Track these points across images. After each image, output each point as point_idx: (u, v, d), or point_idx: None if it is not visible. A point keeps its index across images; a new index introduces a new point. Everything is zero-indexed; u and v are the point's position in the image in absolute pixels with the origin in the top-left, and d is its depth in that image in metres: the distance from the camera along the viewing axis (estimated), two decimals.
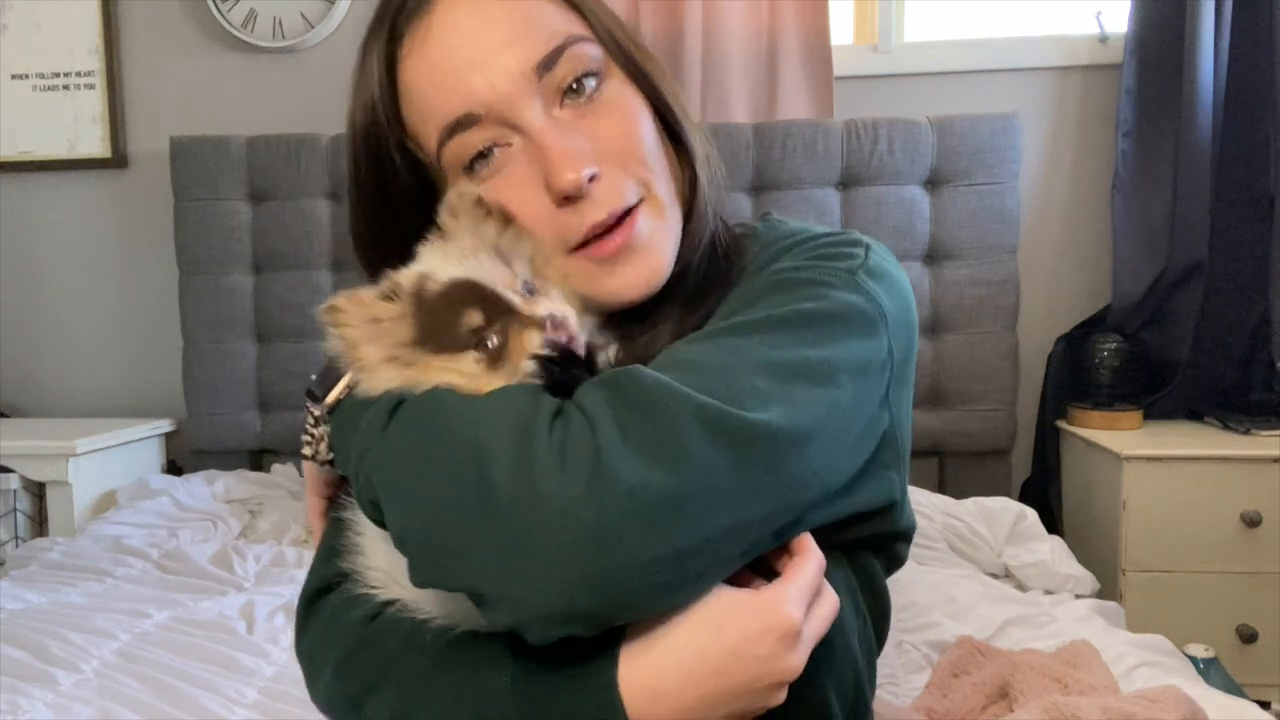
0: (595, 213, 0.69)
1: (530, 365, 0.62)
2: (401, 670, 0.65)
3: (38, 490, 2.48)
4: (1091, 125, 2.58)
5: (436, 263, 0.65)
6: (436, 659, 0.63)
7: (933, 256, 2.52)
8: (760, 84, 2.57)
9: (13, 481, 2.45)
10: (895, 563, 0.79)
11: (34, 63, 2.78)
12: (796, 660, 0.59)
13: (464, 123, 0.69)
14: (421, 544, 0.59)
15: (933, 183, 2.51)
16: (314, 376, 0.71)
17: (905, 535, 0.77)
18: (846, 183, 2.51)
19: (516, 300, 0.64)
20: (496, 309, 0.63)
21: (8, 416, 2.82)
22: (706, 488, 0.55)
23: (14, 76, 2.79)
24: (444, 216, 0.68)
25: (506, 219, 0.69)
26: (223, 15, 2.70)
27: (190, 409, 2.65)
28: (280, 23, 2.71)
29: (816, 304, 0.66)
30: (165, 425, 2.73)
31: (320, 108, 2.73)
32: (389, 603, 0.68)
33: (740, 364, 0.61)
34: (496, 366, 0.63)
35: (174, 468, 2.75)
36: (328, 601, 0.72)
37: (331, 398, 0.68)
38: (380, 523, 0.64)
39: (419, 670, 0.64)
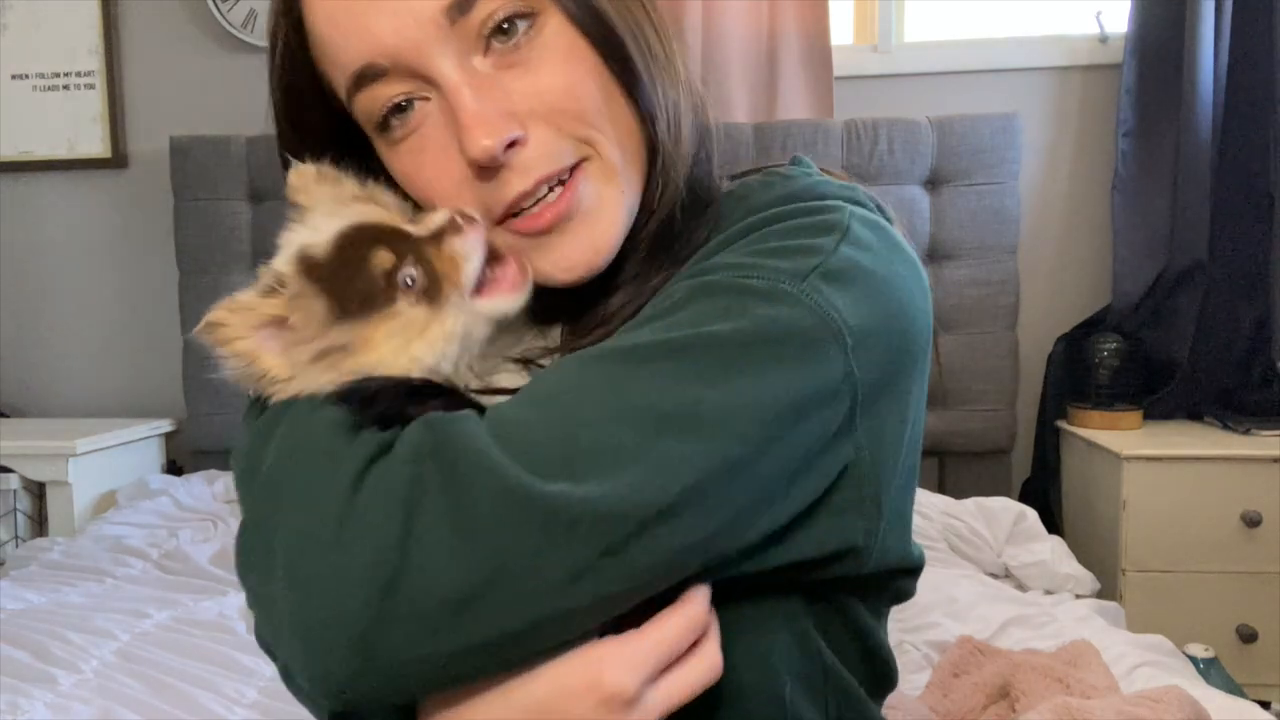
0: (520, 181, 0.58)
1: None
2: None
3: (38, 490, 2.48)
4: (1091, 125, 2.58)
5: (308, 233, 0.58)
6: None
7: (933, 256, 2.52)
8: (760, 84, 2.57)
9: (13, 481, 2.44)
10: (900, 596, 0.70)
11: (34, 63, 2.78)
12: None
13: (367, 74, 0.58)
14: (246, 591, 0.55)
15: (933, 183, 2.51)
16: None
17: (900, 571, 0.67)
18: None
19: (414, 228, 0.56)
20: (401, 243, 0.55)
21: (8, 416, 2.82)
22: (510, 582, 0.47)
23: (14, 76, 2.79)
24: (292, 198, 0.60)
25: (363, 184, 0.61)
26: (223, 15, 2.70)
27: (190, 409, 2.65)
28: None
29: (735, 325, 0.52)
30: (165, 425, 2.73)
31: None
32: None
33: (607, 409, 0.50)
34: (436, 302, 0.56)
35: (174, 468, 2.75)
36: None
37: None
38: None
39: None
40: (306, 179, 0.60)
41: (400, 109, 0.59)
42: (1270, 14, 2.33)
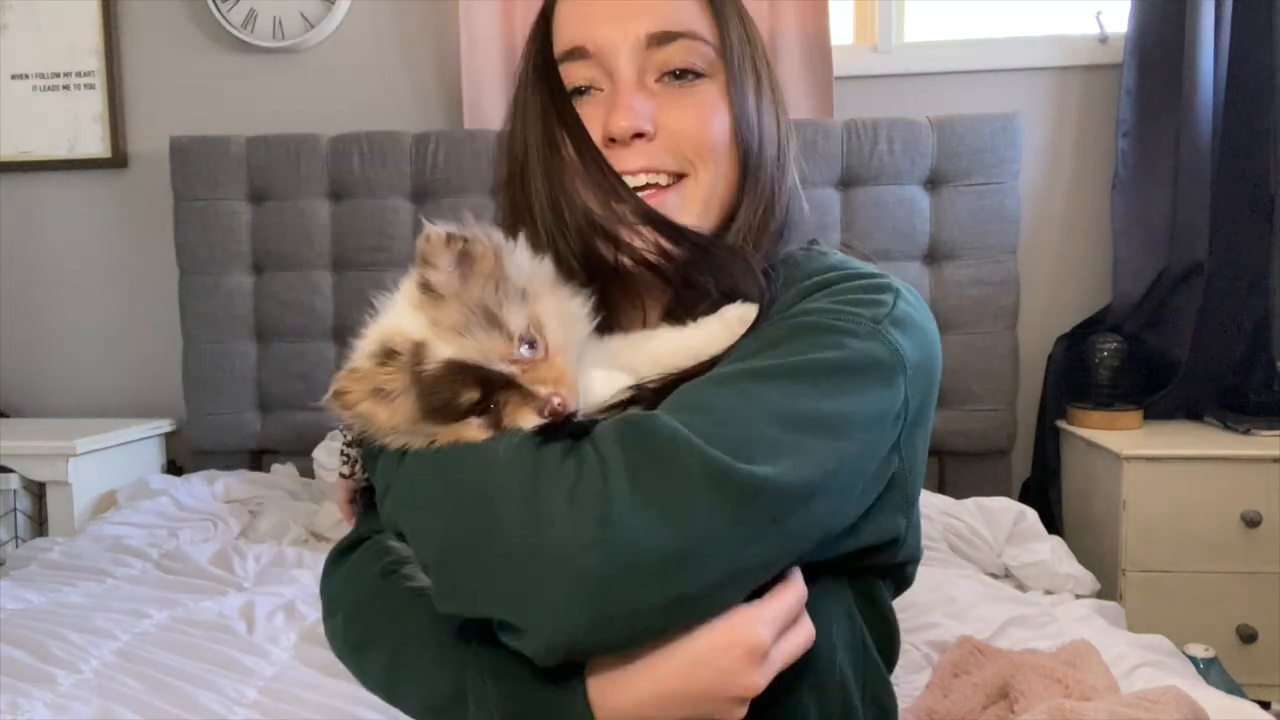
0: (631, 160, 0.77)
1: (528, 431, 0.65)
2: (399, 629, 0.72)
3: (38, 490, 2.48)
4: (1091, 125, 2.58)
5: (428, 331, 0.66)
6: (433, 620, 0.68)
7: (933, 256, 2.52)
8: None
9: (13, 481, 2.45)
10: (904, 584, 0.84)
11: (34, 63, 2.78)
12: (759, 679, 0.62)
13: (575, 54, 0.78)
14: (441, 576, 0.63)
15: (933, 183, 2.51)
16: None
17: (912, 561, 0.82)
18: (847, 182, 2.51)
19: (515, 371, 0.65)
20: (493, 384, 0.65)
21: (8, 416, 2.82)
22: (708, 543, 0.58)
23: (14, 76, 2.79)
24: (423, 272, 0.68)
25: (488, 247, 0.69)
26: (223, 15, 2.70)
27: (190, 409, 2.65)
28: (280, 23, 2.71)
29: (838, 354, 0.67)
30: (165, 425, 2.73)
31: (320, 108, 2.73)
32: (407, 560, 0.74)
33: (755, 413, 0.63)
34: (499, 428, 0.66)
35: (174, 468, 2.75)
36: (355, 554, 0.80)
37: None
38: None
39: (415, 628, 0.71)
40: (437, 246, 0.67)
41: (580, 91, 0.79)
42: (1270, 14, 2.33)
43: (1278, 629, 2.14)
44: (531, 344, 0.67)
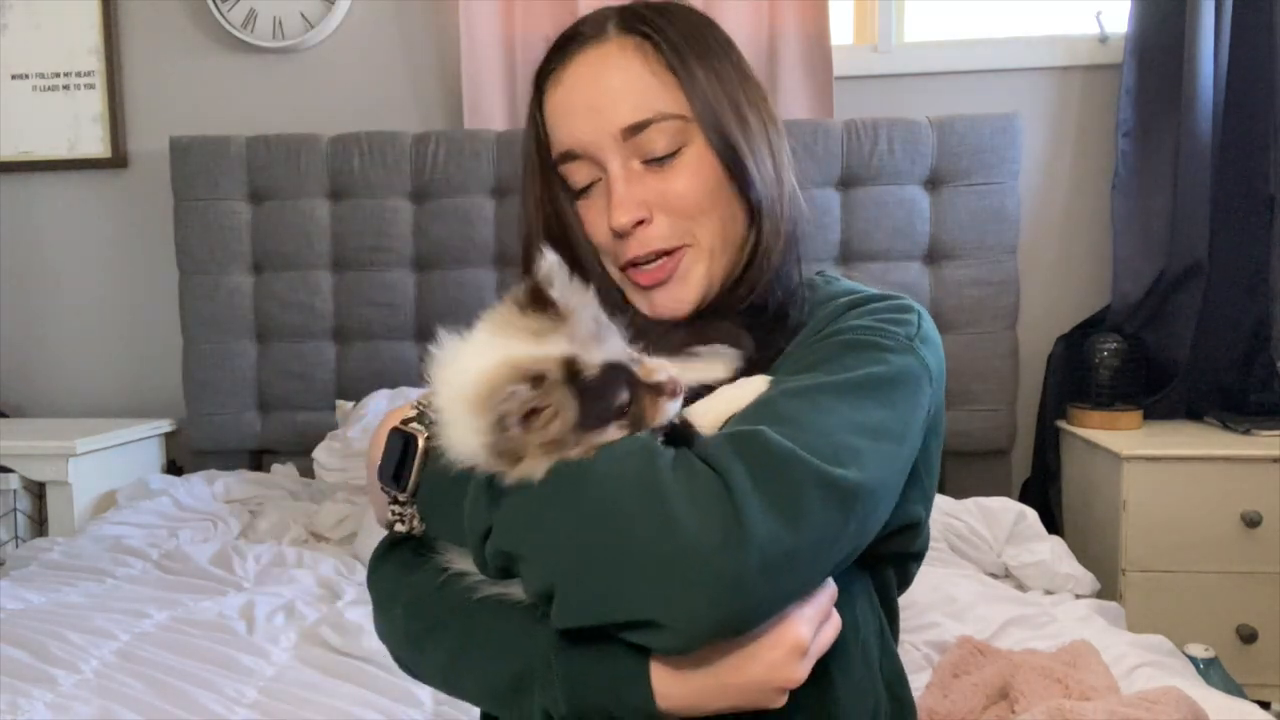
0: (636, 249, 0.85)
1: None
2: (463, 615, 0.77)
3: (38, 490, 2.48)
4: (1091, 125, 2.58)
5: (568, 346, 0.68)
6: (495, 612, 0.74)
7: (933, 256, 2.52)
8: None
9: (13, 481, 2.45)
10: (906, 580, 0.92)
11: (34, 63, 2.79)
12: (800, 672, 0.68)
13: (568, 156, 0.86)
14: (571, 590, 0.66)
15: (933, 183, 2.51)
16: (376, 460, 0.79)
17: (919, 556, 0.91)
18: (847, 183, 2.51)
19: (642, 374, 0.71)
20: (634, 384, 0.70)
21: (8, 416, 2.82)
22: (821, 543, 0.66)
23: (14, 76, 2.79)
24: (550, 293, 0.71)
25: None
26: (223, 15, 2.70)
27: (190, 409, 2.65)
28: (280, 23, 2.71)
29: (885, 369, 0.76)
30: (165, 425, 2.73)
31: (320, 108, 2.73)
32: (453, 571, 0.78)
33: (835, 425, 0.70)
34: (639, 427, 0.71)
35: (174, 468, 2.75)
36: (401, 550, 0.83)
37: (413, 482, 0.76)
38: (506, 575, 0.72)
39: (478, 619, 0.76)
40: (553, 268, 0.70)
41: (586, 188, 0.87)
42: (1270, 14, 2.33)
43: (1278, 629, 2.14)
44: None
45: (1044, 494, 2.54)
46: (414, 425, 0.76)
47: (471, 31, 2.60)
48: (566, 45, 0.88)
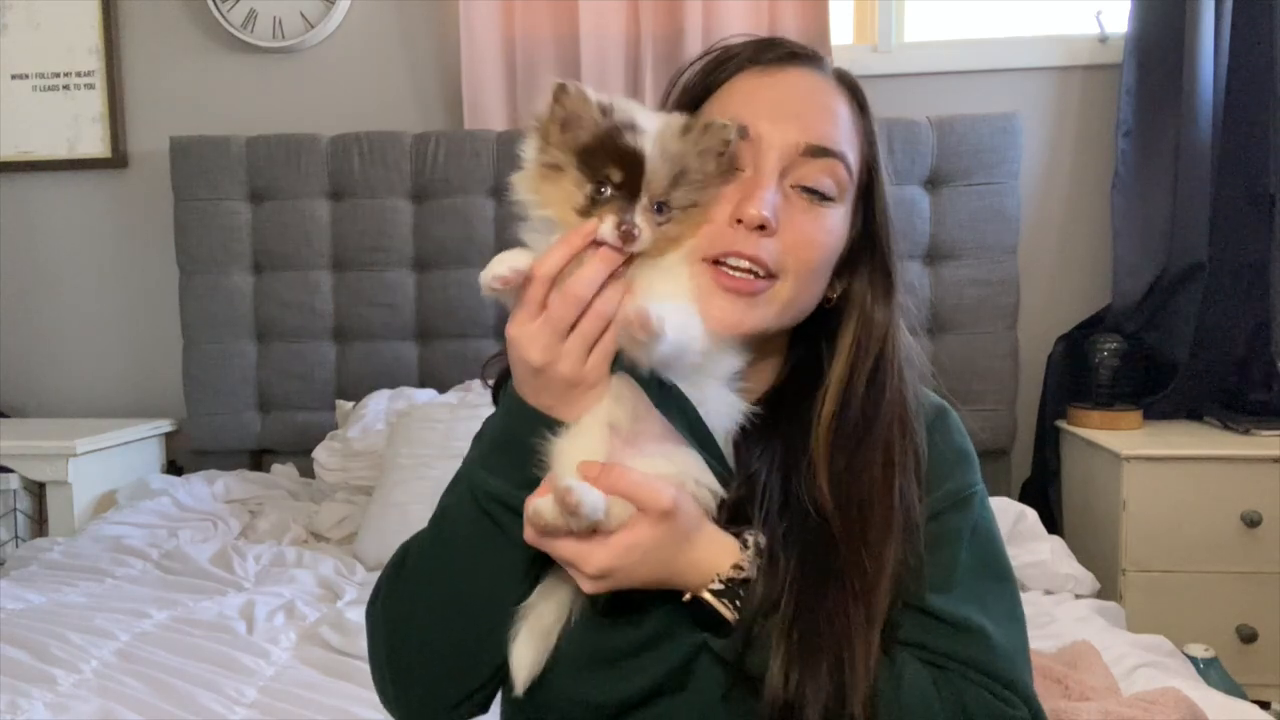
0: (746, 246, 0.81)
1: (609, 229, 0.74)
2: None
3: (38, 490, 2.48)
4: (1091, 125, 2.58)
5: (639, 112, 0.77)
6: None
7: (933, 256, 2.52)
8: None
9: (13, 481, 2.45)
10: None
11: (34, 63, 2.78)
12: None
13: (741, 133, 0.83)
14: None
15: (933, 183, 2.51)
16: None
17: None
18: None
19: (644, 201, 0.75)
20: (631, 186, 0.75)
21: (8, 416, 2.82)
22: None
23: (14, 76, 2.79)
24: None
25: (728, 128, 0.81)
26: (223, 15, 2.70)
27: (190, 409, 2.65)
28: (280, 23, 2.71)
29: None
30: (165, 425, 2.73)
31: (320, 108, 2.73)
32: None
33: (1021, 641, 0.83)
34: (589, 212, 0.75)
35: (174, 468, 2.75)
36: None
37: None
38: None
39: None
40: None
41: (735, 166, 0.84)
42: (1270, 14, 2.33)
43: (1278, 629, 2.13)
44: (660, 209, 0.76)
45: (1044, 494, 2.54)
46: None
47: (471, 31, 2.60)
48: (778, 50, 0.89)
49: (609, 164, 0.75)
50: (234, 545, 2.13)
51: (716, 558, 0.78)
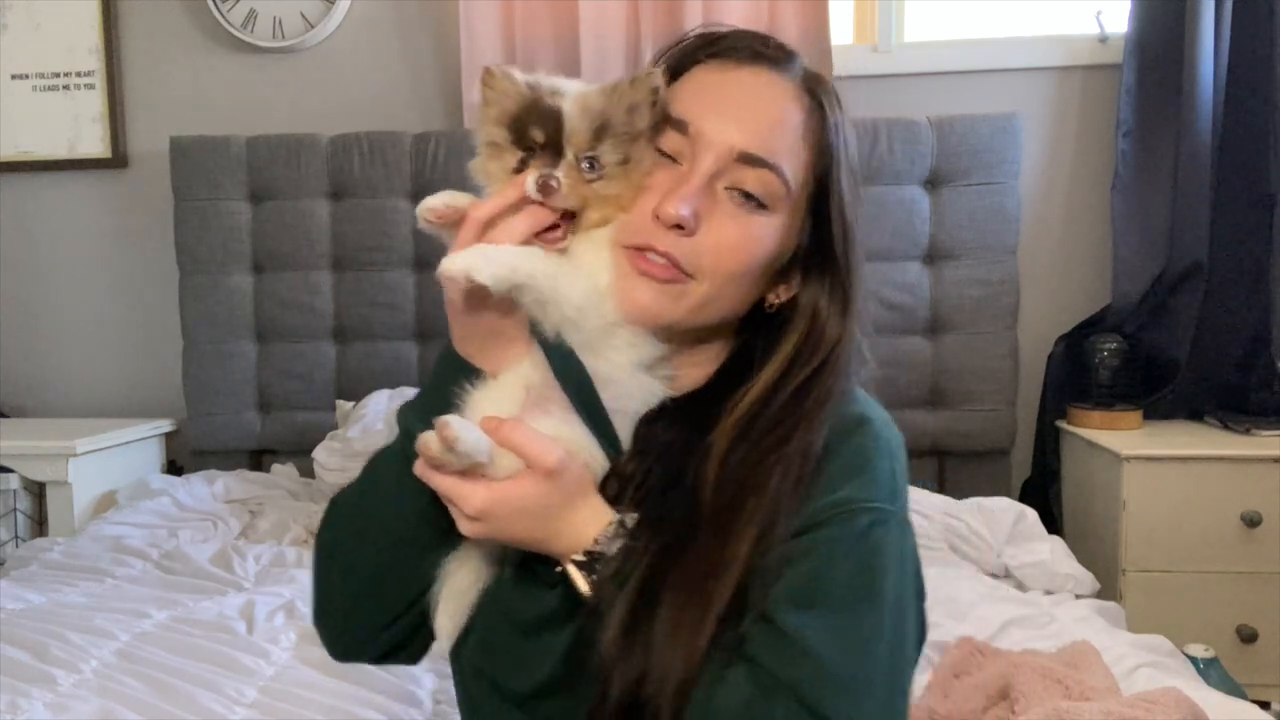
0: (658, 241, 0.80)
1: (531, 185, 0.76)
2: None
3: (38, 490, 2.48)
4: (1091, 125, 2.58)
5: (567, 83, 0.80)
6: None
7: (933, 256, 2.52)
8: None
9: (13, 481, 2.45)
10: None
11: (34, 63, 2.78)
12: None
13: (680, 126, 0.83)
14: None
15: (933, 183, 2.51)
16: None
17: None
18: None
19: (569, 156, 0.78)
20: (554, 145, 0.77)
21: (8, 416, 2.82)
22: None
23: (14, 76, 2.79)
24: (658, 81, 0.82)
25: (651, 89, 0.82)
26: (223, 15, 2.70)
27: (190, 409, 2.65)
28: (280, 23, 2.71)
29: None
30: (165, 425, 2.73)
31: (320, 108, 2.73)
32: None
33: (870, 675, 0.75)
34: (511, 172, 0.79)
35: (174, 468, 2.75)
36: None
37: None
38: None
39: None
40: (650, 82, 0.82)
41: (668, 157, 0.84)
42: (1270, 14, 2.33)
43: (1278, 629, 2.14)
44: (593, 165, 0.78)
45: (1044, 494, 2.54)
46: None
47: (471, 31, 2.60)
48: (751, 46, 0.87)
49: (531, 126, 0.78)
50: (234, 545, 2.13)
51: (590, 528, 0.78)
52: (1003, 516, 2.09)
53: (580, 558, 0.78)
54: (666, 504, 0.79)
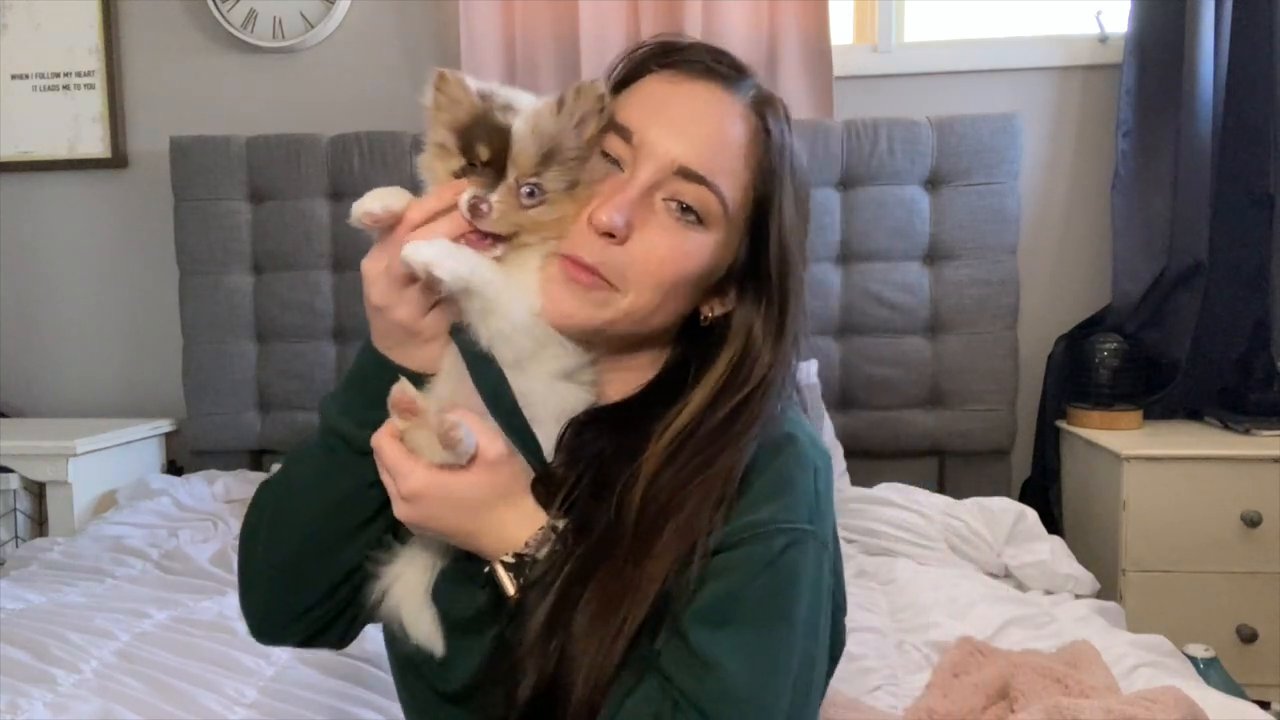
0: (587, 251, 0.81)
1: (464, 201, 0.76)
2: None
3: (38, 490, 2.48)
4: (1091, 125, 2.58)
5: (520, 96, 0.80)
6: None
7: (933, 256, 2.52)
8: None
9: (13, 481, 2.45)
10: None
11: (34, 63, 2.78)
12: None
13: (624, 133, 0.83)
14: None
15: (933, 183, 2.51)
16: None
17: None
18: (846, 183, 2.51)
19: (510, 180, 0.77)
20: (498, 164, 0.76)
21: (8, 416, 2.82)
22: None
23: (14, 76, 2.79)
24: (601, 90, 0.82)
25: (600, 105, 0.82)
26: (223, 15, 2.70)
27: (190, 409, 2.65)
28: (280, 23, 2.71)
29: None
30: (165, 425, 2.73)
31: (320, 108, 2.73)
32: None
33: (776, 696, 0.75)
34: (453, 175, 0.78)
35: (174, 468, 2.75)
36: None
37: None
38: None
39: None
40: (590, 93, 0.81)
41: (614, 162, 0.84)
42: (1270, 14, 2.33)
43: (1278, 629, 2.14)
44: (531, 195, 0.78)
45: (1044, 494, 2.54)
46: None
47: (471, 31, 2.60)
48: (705, 61, 0.87)
49: (478, 142, 0.77)
50: (234, 545, 2.12)
51: (521, 531, 0.79)
52: (1003, 516, 2.09)
53: (509, 559, 0.79)
54: (593, 513, 0.80)
